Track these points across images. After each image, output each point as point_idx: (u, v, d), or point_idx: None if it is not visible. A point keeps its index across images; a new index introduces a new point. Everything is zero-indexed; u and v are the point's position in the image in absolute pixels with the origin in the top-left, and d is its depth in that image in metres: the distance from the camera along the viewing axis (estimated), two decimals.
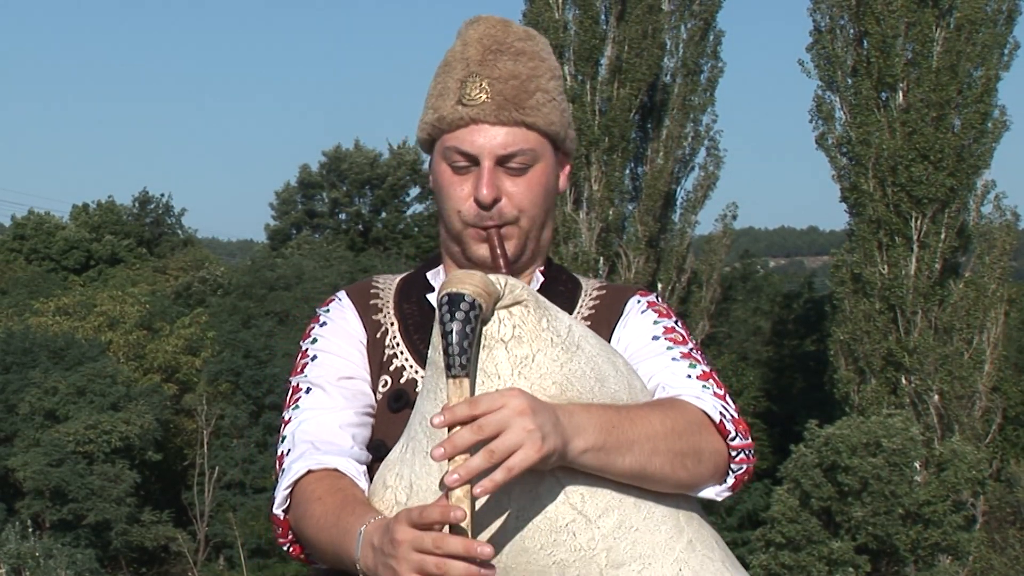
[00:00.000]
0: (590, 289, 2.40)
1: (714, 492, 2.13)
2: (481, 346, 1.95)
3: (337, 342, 2.32)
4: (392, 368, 2.30)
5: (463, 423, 1.81)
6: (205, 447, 34.16)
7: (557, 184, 2.34)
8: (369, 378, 2.30)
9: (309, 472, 2.13)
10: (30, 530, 26.75)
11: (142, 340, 39.98)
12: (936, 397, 26.90)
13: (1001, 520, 26.59)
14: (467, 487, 1.79)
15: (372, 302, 2.37)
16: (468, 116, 2.23)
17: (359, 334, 2.33)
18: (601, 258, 29.17)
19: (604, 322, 2.31)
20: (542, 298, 2.02)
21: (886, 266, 27.49)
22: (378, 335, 2.33)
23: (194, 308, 43.79)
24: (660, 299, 2.39)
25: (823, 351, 31.92)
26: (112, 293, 42.98)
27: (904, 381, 27.17)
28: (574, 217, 28.84)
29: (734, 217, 32.74)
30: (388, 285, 2.41)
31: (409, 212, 56.19)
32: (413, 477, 2.01)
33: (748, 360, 40.68)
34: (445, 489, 1.81)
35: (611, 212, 29.29)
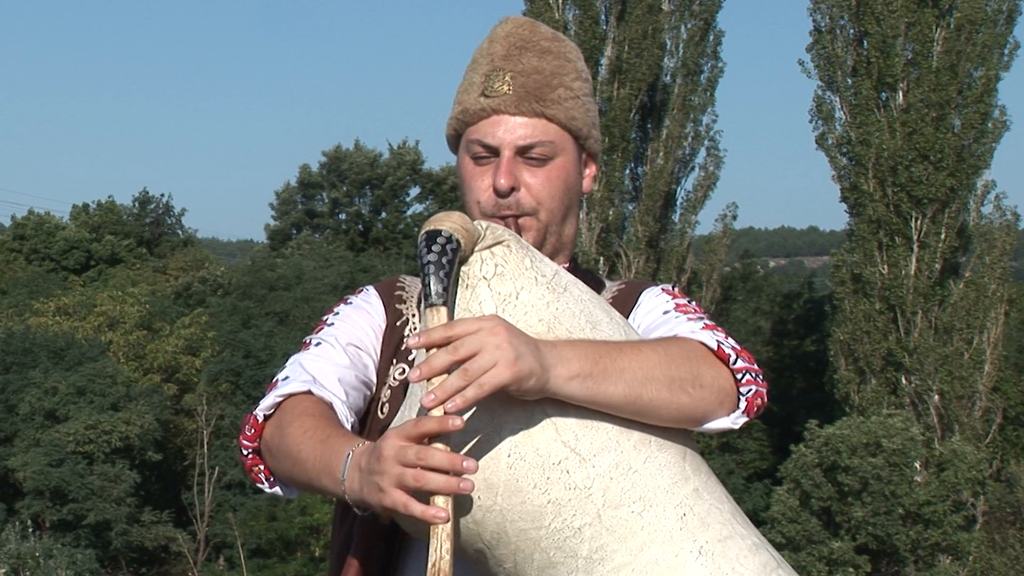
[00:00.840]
0: (612, 287, 2.42)
1: (729, 421, 2.09)
2: (464, 285, 1.95)
3: (356, 317, 2.35)
4: (410, 357, 2.29)
5: (440, 346, 1.82)
6: (205, 447, 34.16)
7: (580, 182, 2.36)
8: (377, 358, 2.31)
9: (308, 392, 2.13)
10: (30, 530, 26.79)
11: (142, 340, 40.00)
12: (936, 397, 26.90)
13: (1001, 520, 26.58)
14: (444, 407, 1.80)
15: (397, 293, 2.40)
16: (490, 107, 2.26)
17: (380, 318, 2.35)
18: (601, 258, 29.18)
19: (620, 310, 2.30)
20: (526, 241, 2.04)
21: (886, 266, 27.49)
22: (398, 323, 2.35)
23: (194, 308, 43.80)
24: (676, 289, 2.40)
25: (823, 351, 31.92)
26: (112, 293, 42.99)
27: (904, 381, 27.17)
28: None
29: (734, 217, 32.75)
30: (413, 284, 2.43)
31: (409, 212, 56.21)
32: None
33: None
34: (423, 411, 1.82)
35: (611, 212, 29.30)
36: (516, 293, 1.95)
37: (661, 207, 30.05)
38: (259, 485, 2.18)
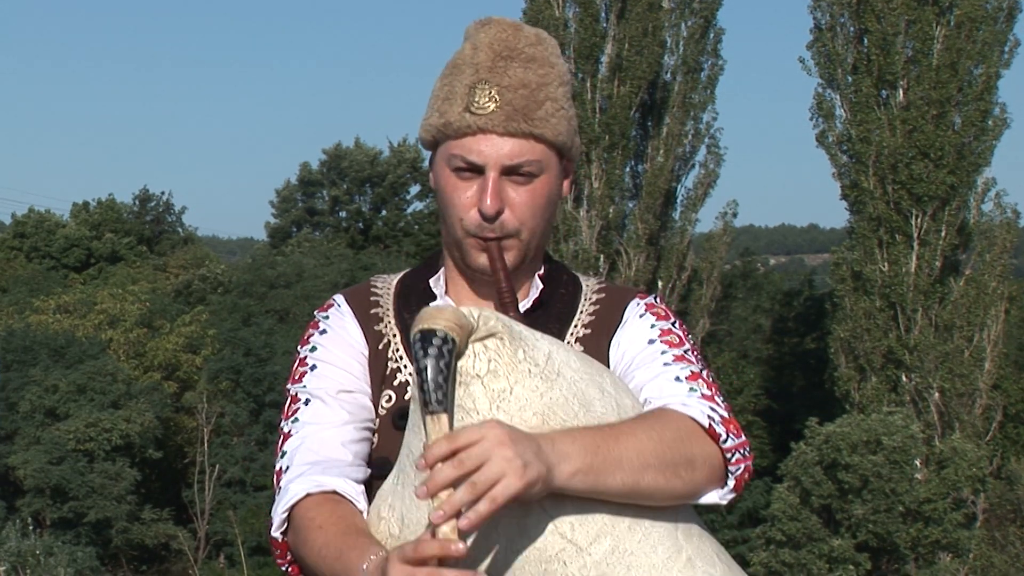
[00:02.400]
0: (589, 292, 2.37)
1: (717, 496, 2.10)
2: (457, 382, 1.93)
3: (337, 352, 2.28)
4: (396, 383, 2.27)
5: (444, 459, 1.80)
6: (205, 445, 34.15)
7: (560, 192, 2.30)
8: (370, 391, 2.27)
9: (308, 496, 2.11)
10: (31, 528, 26.74)
11: (142, 338, 39.98)
12: (936, 395, 26.90)
13: (1001, 518, 26.59)
14: (454, 522, 1.79)
15: (373, 311, 2.33)
16: (476, 125, 2.18)
17: (360, 345, 2.30)
18: (601, 256, 29.18)
19: (604, 330, 2.29)
20: (517, 327, 1.99)
21: (886, 264, 27.49)
22: (380, 347, 2.29)
23: (194, 306, 43.79)
24: (659, 300, 2.36)
25: (823, 349, 31.91)
26: (112, 291, 42.97)
27: (904, 379, 27.17)
28: (574, 215, 28.85)
29: (734, 215, 32.75)
30: (387, 289, 2.37)
31: (409, 210, 56.24)
32: (404, 510, 2.00)
33: (748, 358, 40.69)
34: (432, 527, 1.80)
35: (611, 210, 29.29)
36: (510, 388, 1.93)
37: (661, 205, 30.05)
38: None
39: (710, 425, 2.07)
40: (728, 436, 2.09)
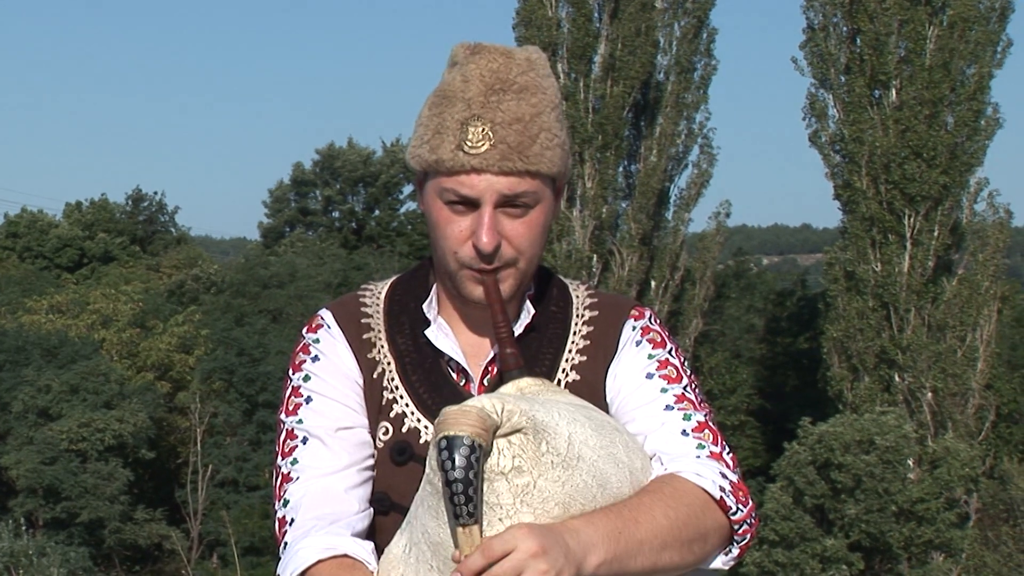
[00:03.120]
0: (580, 307, 2.34)
1: (720, 562, 2.13)
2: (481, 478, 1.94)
3: (333, 384, 2.25)
4: (392, 415, 2.24)
5: (478, 574, 1.84)
6: (198, 445, 34.12)
7: (554, 215, 2.26)
8: (367, 423, 2.24)
9: (319, 561, 2.08)
10: (23, 528, 26.72)
11: (135, 338, 39.95)
12: (929, 394, 26.92)
13: (994, 517, 26.63)
14: None
15: (365, 336, 2.28)
16: (469, 165, 2.12)
17: (355, 374, 2.26)
18: (594, 256, 29.18)
19: (600, 357, 2.28)
20: (540, 416, 1.97)
21: (879, 264, 27.50)
22: (375, 375, 2.26)
23: (187, 306, 43.76)
24: (653, 319, 2.34)
25: (816, 349, 31.94)
26: (105, 291, 42.96)
27: (897, 378, 27.19)
28: (567, 215, 28.85)
29: (727, 215, 32.77)
30: (376, 306, 2.33)
31: (402, 210, 56.29)
32: None
33: (741, 358, 40.71)
34: None
35: (604, 210, 29.29)
36: (534, 483, 1.93)
37: (654, 205, 30.05)
38: None
39: (721, 498, 2.09)
40: (737, 508, 2.11)
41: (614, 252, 29.54)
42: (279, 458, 2.23)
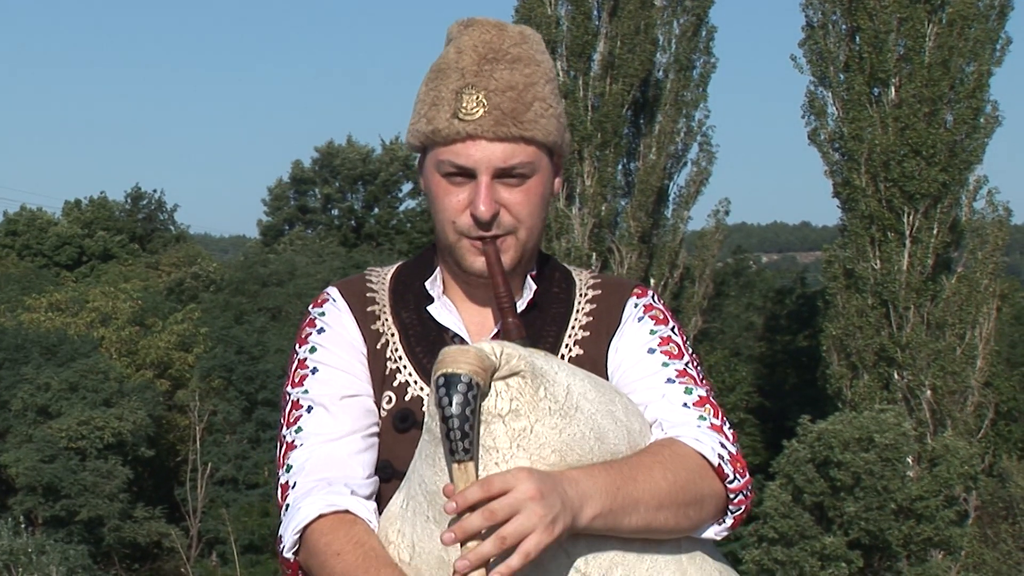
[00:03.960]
0: (584, 287, 2.36)
1: (713, 532, 2.15)
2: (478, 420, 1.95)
3: (338, 354, 2.27)
4: (396, 384, 2.26)
5: (473, 508, 1.83)
6: (198, 443, 34.07)
7: (552, 190, 2.28)
8: (372, 392, 2.25)
9: (320, 517, 2.09)
10: (23, 527, 26.73)
11: (134, 336, 39.92)
12: (928, 392, 26.92)
13: (993, 515, 26.63)
14: (482, 572, 1.82)
15: (369, 308, 2.31)
16: (465, 132, 2.16)
17: (359, 344, 2.28)
18: (594, 254, 29.17)
19: (602, 332, 2.29)
20: (538, 361, 1.99)
21: (878, 261, 27.50)
22: (378, 346, 2.28)
23: (186, 304, 43.72)
24: (656, 298, 2.36)
25: (815, 346, 31.93)
26: (104, 289, 42.92)
27: (896, 376, 27.19)
28: (567, 213, 28.85)
29: (727, 213, 32.77)
30: (382, 284, 2.35)
31: (402, 208, 56.24)
32: (415, 538, 2.01)
33: (740, 356, 40.71)
34: (455, 574, 1.84)
35: (604, 208, 29.28)
36: (531, 427, 1.95)
37: (654, 202, 30.05)
38: None
39: (719, 465, 2.11)
40: (735, 476, 2.13)
41: (613, 250, 29.54)
42: (284, 429, 2.25)
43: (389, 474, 2.20)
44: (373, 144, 57.26)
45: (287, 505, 2.15)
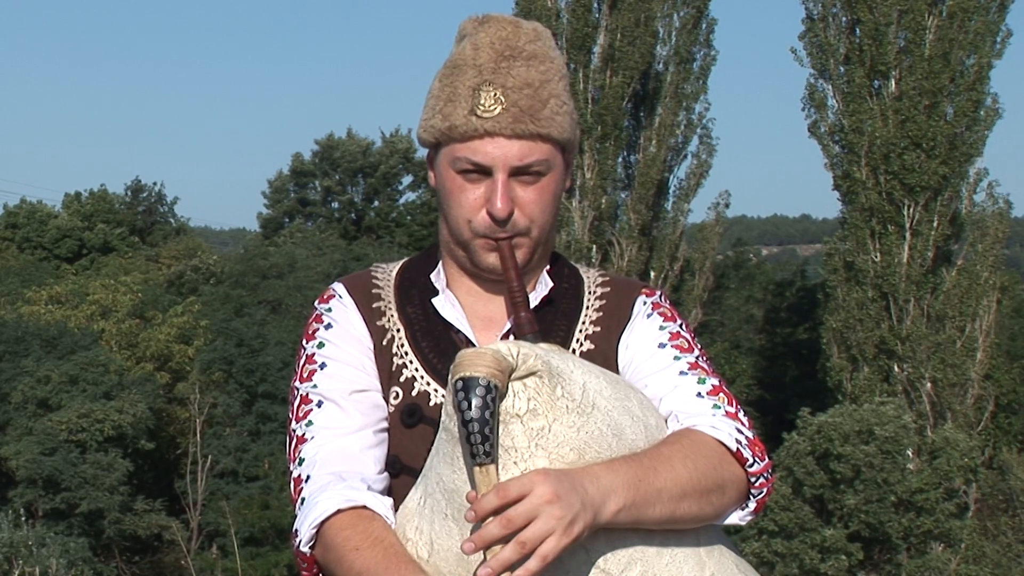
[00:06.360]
0: (592, 285, 2.38)
1: (737, 517, 2.15)
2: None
3: (346, 349, 2.28)
4: (403, 379, 2.26)
5: (492, 514, 1.84)
6: (198, 436, 34.10)
7: (565, 186, 2.31)
8: (380, 388, 2.26)
9: (338, 511, 2.09)
10: (23, 519, 26.72)
11: (135, 329, 39.92)
12: (928, 385, 26.93)
13: (993, 508, 26.66)
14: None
15: (375, 304, 2.32)
16: (483, 128, 2.17)
17: (366, 340, 2.29)
18: (594, 246, 29.18)
19: (613, 328, 2.31)
20: (555, 362, 1.99)
21: (879, 254, 27.50)
22: (384, 342, 2.29)
23: (187, 297, 43.72)
24: (663, 298, 2.38)
25: (816, 339, 31.95)
26: (104, 282, 42.90)
27: (896, 369, 27.19)
28: (567, 205, 28.83)
29: (727, 205, 32.81)
30: (387, 280, 2.36)
31: (402, 200, 56.26)
32: (433, 535, 2.02)
33: (741, 348, 40.73)
34: None
35: (604, 200, 29.29)
36: (548, 427, 1.95)
37: (654, 195, 30.06)
38: None
39: (738, 449, 2.11)
40: (754, 460, 2.13)
41: (613, 243, 29.54)
42: (293, 423, 2.26)
43: (398, 469, 2.21)
44: (373, 137, 57.44)
45: (302, 499, 2.16)
